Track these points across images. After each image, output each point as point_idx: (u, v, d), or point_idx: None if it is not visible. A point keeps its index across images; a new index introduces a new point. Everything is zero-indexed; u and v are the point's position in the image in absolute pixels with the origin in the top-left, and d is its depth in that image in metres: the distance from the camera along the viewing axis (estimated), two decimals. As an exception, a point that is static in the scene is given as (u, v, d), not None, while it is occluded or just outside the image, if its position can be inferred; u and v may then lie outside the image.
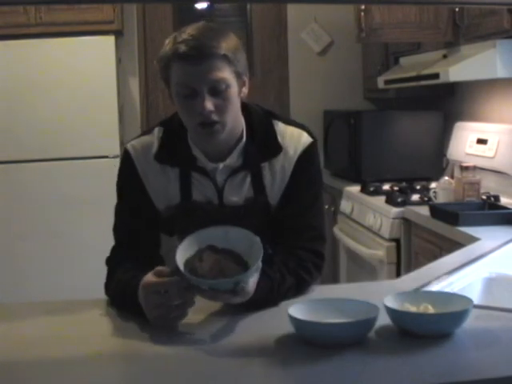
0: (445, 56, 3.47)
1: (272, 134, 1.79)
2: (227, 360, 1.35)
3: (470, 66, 3.13)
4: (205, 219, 1.74)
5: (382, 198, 3.44)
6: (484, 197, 3.10)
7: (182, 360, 1.34)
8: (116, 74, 4.40)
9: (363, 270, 3.58)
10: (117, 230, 1.81)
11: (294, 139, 1.79)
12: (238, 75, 1.69)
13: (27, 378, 1.30)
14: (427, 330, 1.41)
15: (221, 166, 1.75)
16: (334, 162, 4.50)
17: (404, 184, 3.68)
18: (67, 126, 4.30)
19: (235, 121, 1.73)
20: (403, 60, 4.08)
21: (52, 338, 1.51)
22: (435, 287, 1.78)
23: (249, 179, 1.77)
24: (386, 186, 3.70)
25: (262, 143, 1.78)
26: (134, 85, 4.73)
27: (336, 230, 4.00)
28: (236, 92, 1.69)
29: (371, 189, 3.68)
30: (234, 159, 1.76)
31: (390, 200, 3.35)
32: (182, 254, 1.50)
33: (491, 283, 1.95)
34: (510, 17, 2.79)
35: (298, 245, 1.77)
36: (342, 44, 4.74)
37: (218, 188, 1.77)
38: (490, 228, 2.63)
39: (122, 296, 1.62)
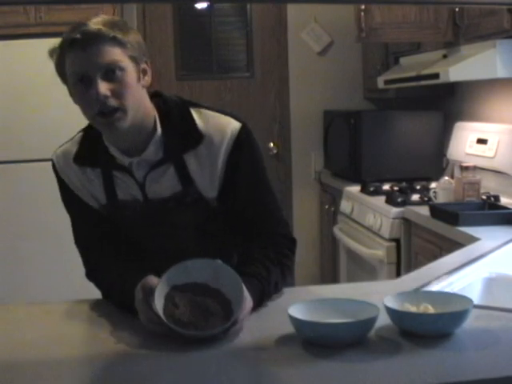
0: (445, 56, 3.47)
1: (190, 122, 1.70)
2: (227, 360, 1.35)
3: (470, 66, 3.13)
4: (134, 217, 1.74)
5: (382, 198, 3.44)
6: (484, 197, 3.10)
7: (182, 360, 1.34)
8: (116, 74, 4.40)
9: (363, 270, 3.58)
10: (80, 241, 1.82)
11: (220, 126, 1.69)
12: (134, 60, 1.62)
13: (27, 378, 1.30)
14: (427, 330, 1.41)
15: (135, 160, 1.69)
16: (333, 162, 4.50)
17: (404, 184, 3.68)
18: (67, 126, 4.27)
19: (140, 109, 1.65)
20: (403, 60, 4.08)
21: (52, 338, 1.51)
22: (435, 287, 1.78)
23: (172, 171, 1.70)
24: (386, 186, 3.70)
25: (180, 133, 1.69)
26: (134, 85, 4.72)
27: (336, 229, 4.00)
28: (134, 77, 1.62)
29: (371, 189, 3.68)
30: (151, 153, 1.69)
31: (390, 200, 3.35)
32: (158, 306, 1.45)
33: (491, 283, 1.95)
34: (510, 17, 2.79)
35: (266, 234, 1.72)
36: (341, 44, 4.74)
37: (139, 184, 1.72)
38: (490, 228, 2.63)
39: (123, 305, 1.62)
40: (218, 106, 1.79)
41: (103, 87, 1.57)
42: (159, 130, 1.70)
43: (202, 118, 1.71)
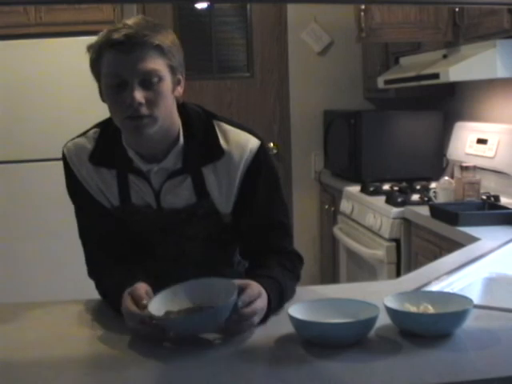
0: (445, 56, 3.47)
1: (213, 136, 1.69)
2: (227, 360, 1.35)
3: (470, 65, 3.13)
4: (144, 222, 1.73)
5: (382, 198, 3.44)
6: (484, 197, 3.10)
7: (182, 359, 1.34)
8: (116, 74, 4.40)
9: (363, 270, 3.58)
10: (82, 234, 1.80)
11: (239, 144, 1.68)
12: (172, 70, 1.60)
13: (27, 378, 1.30)
14: (427, 330, 1.41)
15: (155, 168, 1.68)
16: (334, 162, 4.50)
17: (404, 184, 3.68)
18: (67, 126, 4.28)
19: (168, 119, 1.64)
20: (403, 60, 4.08)
21: (52, 338, 1.51)
22: (435, 287, 1.78)
23: (189, 183, 1.69)
24: (386, 186, 3.70)
25: (202, 145, 1.68)
26: (134, 85, 4.72)
27: (336, 229, 4.00)
28: (169, 87, 1.61)
29: (371, 189, 3.68)
30: (170, 162, 1.68)
31: (390, 200, 3.35)
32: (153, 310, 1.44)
33: (491, 283, 1.95)
34: (510, 17, 2.79)
35: (281, 249, 1.71)
36: (341, 44, 4.74)
37: (155, 191, 1.70)
38: (490, 228, 2.63)
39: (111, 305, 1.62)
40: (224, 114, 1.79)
41: (139, 94, 1.55)
42: (181, 140, 1.68)
43: (222, 133, 1.70)
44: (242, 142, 1.69)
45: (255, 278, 1.55)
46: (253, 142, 1.69)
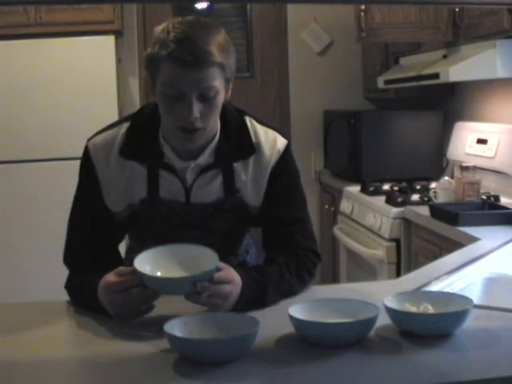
0: (445, 56, 3.47)
1: (246, 133, 1.75)
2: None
3: (469, 66, 3.13)
4: (170, 218, 1.73)
5: (382, 198, 3.44)
6: (484, 197, 3.10)
7: (182, 359, 1.34)
8: (116, 73, 4.40)
9: (363, 270, 3.58)
10: (71, 228, 1.79)
11: (269, 141, 1.75)
12: (227, 81, 1.64)
13: (26, 378, 1.30)
14: (427, 330, 1.41)
15: (192, 164, 1.71)
16: (334, 162, 4.50)
17: (404, 184, 3.68)
18: (67, 126, 4.29)
19: (216, 123, 1.70)
20: (403, 60, 4.08)
21: (51, 338, 1.51)
22: (435, 287, 1.78)
23: (220, 178, 1.73)
24: (386, 186, 3.70)
25: (235, 142, 1.73)
26: (134, 85, 4.72)
27: (336, 229, 4.00)
28: (223, 98, 1.65)
29: (371, 189, 3.68)
30: (205, 157, 1.71)
31: (390, 200, 3.35)
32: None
33: (491, 283, 1.95)
34: (510, 17, 2.79)
35: (295, 246, 1.76)
36: (341, 44, 4.74)
37: (186, 187, 1.72)
38: (490, 228, 2.63)
39: (84, 297, 1.64)
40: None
41: (196, 109, 1.58)
42: (218, 137, 1.72)
43: (253, 130, 1.76)
44: (272, 140, 1.76)
45: (245, 269, 1.63)
46: (281, 141, 1.77)
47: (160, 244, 1.60)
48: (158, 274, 1.52)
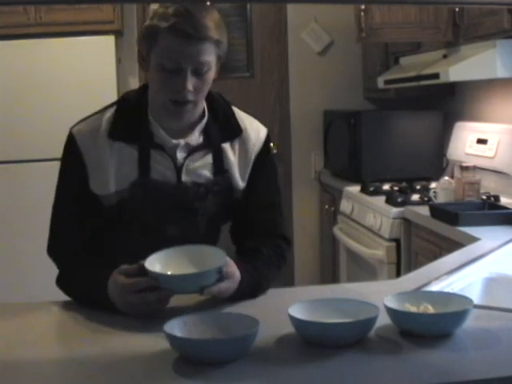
0: (445, 56, 3.47)
1: (232, 116, 1.82)
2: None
3: (469, 65, 3.13)
4: (160, 201, 1.74)
5: (382, 198, 3.44)
6: (484, 197, 3.10)
7: (182, 359, 1.34)
8: (116, 73, 4.40)
9: (363, 270, 3.58)
10: (56, 217, 1.83)
11: (253, 128, 1.83)
12: (219, 59, 1.70)
13: (26, 378, 1.30)
14: (427, 330, 1.41)
15: (182, 142, 1.74)
16: (334, 162, 4.50)
17: (404, 184, 3.68)
18: (67, 126, 4.27)
19: (202, 101, 1.75)
20: (403, 60, 4.08)
21: (51, 338, 1.51)
22: (435, 287, 1.78)
23: (210, 159, 1.77)
24: (386, 186, 3.70)
25: (222, 123, 1.79)
26: (134, 85, 4.71)
27: (336, 229, 4.00)
28: (213, 75, 1.71)
29: (371, 189, 3.68)
30: (195, 137, 1.75)
31: (390, 200, 3.35)
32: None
33: (491, 283, 1.95)
34: (510, 17, 2.79)
35: (269, 234, 1.81)
36: (341, 44, 4.74)
37: (176, 166, 1.74)
38: (490, 228, 2.63)
39: (89, 294, 1.65)
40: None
41: (190, 83, 1.64)
42: (206, 117, 1.78)
43: (239, 117, 1.83)
44: (257, 126, 1.85)
45: (243, 264, 1.66)
46: (263, 130, 1.86)
47: (144, 238, 1.65)
48: (169, 273, 1.55)
